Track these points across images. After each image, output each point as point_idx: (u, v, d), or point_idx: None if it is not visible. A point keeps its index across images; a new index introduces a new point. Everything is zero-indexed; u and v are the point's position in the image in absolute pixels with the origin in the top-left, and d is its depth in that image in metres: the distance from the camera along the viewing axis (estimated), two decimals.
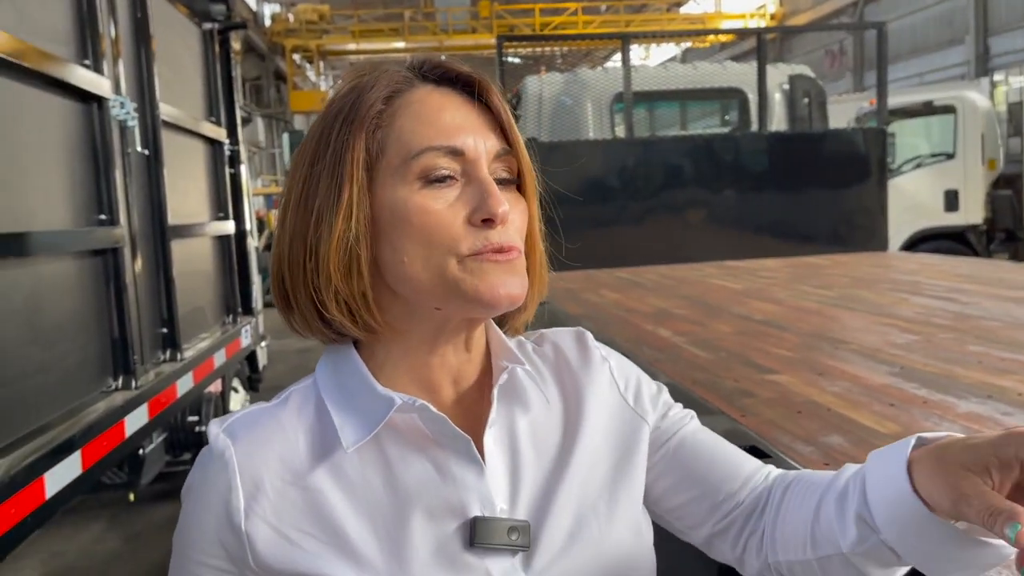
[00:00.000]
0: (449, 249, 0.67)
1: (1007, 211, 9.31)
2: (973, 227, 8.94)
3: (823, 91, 6.22)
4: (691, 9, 27.46)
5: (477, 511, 0.69)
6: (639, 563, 0.77)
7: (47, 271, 2.25)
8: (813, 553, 0.73)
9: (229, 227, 4.14)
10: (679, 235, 5.32)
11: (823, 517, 0.72)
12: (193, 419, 3.80)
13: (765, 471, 0.83)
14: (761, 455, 1.44)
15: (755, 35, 5.60)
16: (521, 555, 0.70)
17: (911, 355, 2.19)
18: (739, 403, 1.80)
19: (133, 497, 3.80)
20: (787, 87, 6.04)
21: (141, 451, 3.20)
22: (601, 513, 0.74)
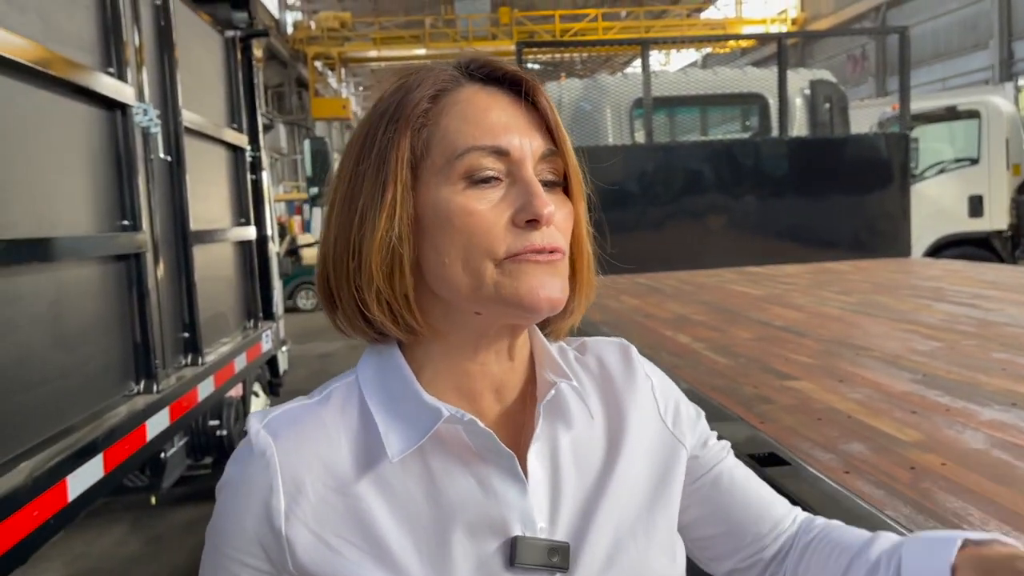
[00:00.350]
0: (488, 251, 0.65)
1: None
2: (998, 233, 8.83)
3: (844, 96, 6.17)
4: (712, 15, 27.40)
5: (518, 530, 0.68)
6: None
7: (71, 276, 2.27)
8: None
9: (250, 232, 4.17)
10: (699, 241, 5.30)
11: None
12: (214, 423, 3.82)
13: (793, 515, 0.83)
14: (780, 462, 1.43)
15: (776, 40, 5.57)
16: None
17: (934, 362, 2.17)
18: (758, 409, 1.79)
19: (155, 500, 3.84)
20: (808, 92, 6.00)
21: (163, 455, 3.23)
22: (639, 537, 0.73)
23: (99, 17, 2.53)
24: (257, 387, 4.66)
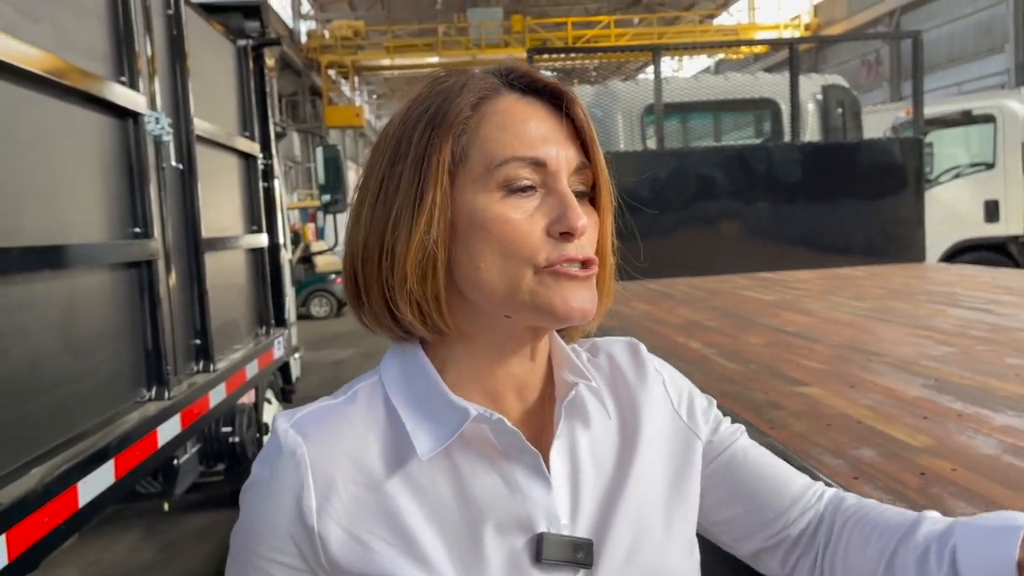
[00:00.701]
0: (527, 260, 0.67)
1: None
2: (1014, 238, 8.75)
3: (857, 101, 6.15)
4: (725, 20, 27.37)
5: (543, 526, 0.69)
6: None
7: (83, 283, 2.29)
8: None
9: (262, 240, 4.19)
10: (711, 247, 5.28)
11: (899, 571, 0.71)
12: (227, 430, 3.83)
13: (815, 489, 0.83)
14: None
15: (788, 45, 5.56)
16: (583, 573, 0.70)
17: (946, 367, 2.15)
18: (768, 415, 1.78)
19: (167, 507, 3.85)
20: (820, 97, 5.98)
21: (175, 461, 3.24)
22: (657, 533, 0.74)
23: (111, 27, 2.55)
24: (270, 394, 4.67)
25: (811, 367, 2.27)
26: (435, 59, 24.46)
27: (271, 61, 4.76)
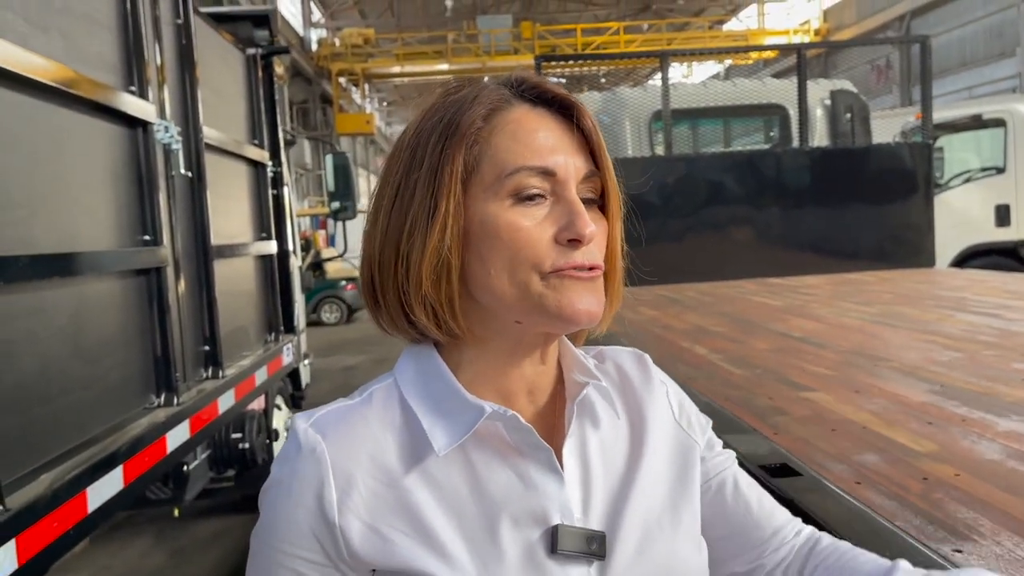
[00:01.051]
0: (534, 265, 0.69)
1: None
2: None
3: (866, 106, 6.13)
4: (734, 26, 27.35)
5: (558, 519, 0.71)
6: None
7: (93, 290, 2.31)
8: None
9: (271, 247, 4.21)
10: (720, 252, 5.28)
11: None
12: (236, 436, 3.86)
13: (795, 526, 0.86)
14: (792, 473, 1.42)
15: (795, 51, 5.56)
16: (597, 564, 0.72)
17: (952, 372, 2.14)
18: (772, 421, 1.78)
19: (178, 513, 3.86)
20: (829, 102, 5.97)
21: (185, 467, 3.26)
22: (666, 528, 0.76)
23: (121, 37, 2.58)
24: (279, 400, 4.69)
25: (817, 372, 2.27)
26: (445, 66, 24.53)
27: (280, 69, 4.79)
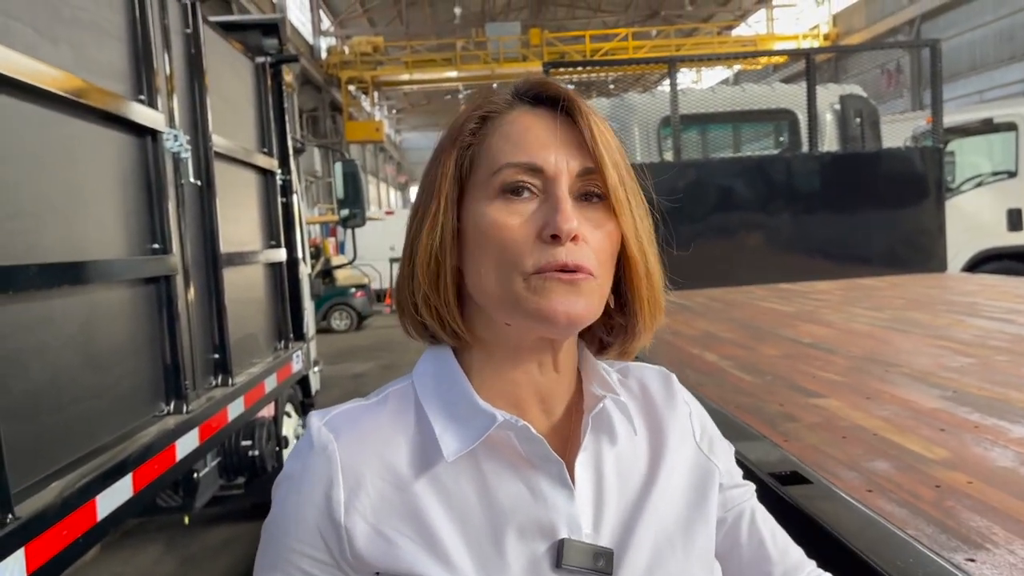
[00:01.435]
0: (515, 265, 0.68)
1: None
2: None
3: (875, 110, 6.11)
4: (743, 32, 27.31)
5: (565, 533, 0.70)
6: None
7: (102, 298, 2.32)
8: None
9: (281, 255, 4.22)
10: (730, 258, 5.25)
11: None
12: (246, 444, 3.86)
13: (807, 567, 0.84)
14: (802, 480, 1.41)
15: (804, 56, 5.54)
16: None
17: (964, 378, 2.12)
18: (782, 428, 1.76)
19: (188, 520, 3.87)
20: (838, 107, 5.95)
21: (195, 475, 3.26)
22: (678, 550, 0.75)
23: (130, 46, 2.59)
24: (289, 407, 4.70)
25: (827, 379, 2.25)
26: (454, 73, 24.61)
27: (290, 77, 4.81)
